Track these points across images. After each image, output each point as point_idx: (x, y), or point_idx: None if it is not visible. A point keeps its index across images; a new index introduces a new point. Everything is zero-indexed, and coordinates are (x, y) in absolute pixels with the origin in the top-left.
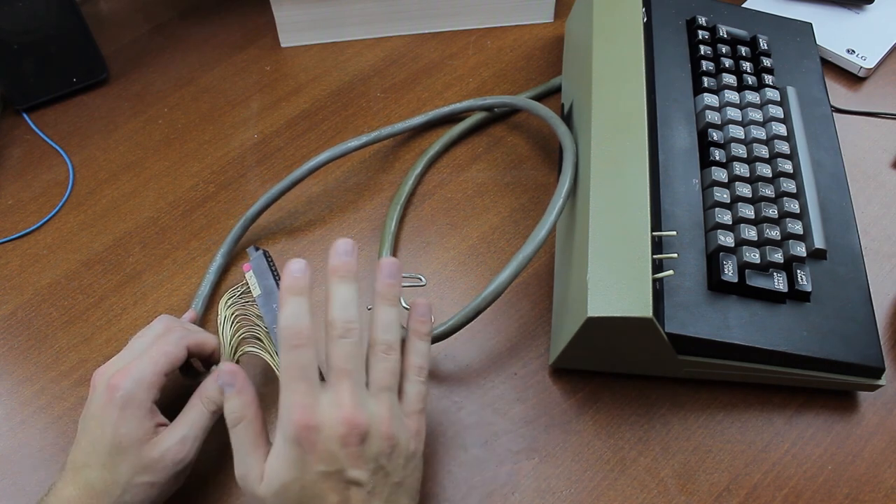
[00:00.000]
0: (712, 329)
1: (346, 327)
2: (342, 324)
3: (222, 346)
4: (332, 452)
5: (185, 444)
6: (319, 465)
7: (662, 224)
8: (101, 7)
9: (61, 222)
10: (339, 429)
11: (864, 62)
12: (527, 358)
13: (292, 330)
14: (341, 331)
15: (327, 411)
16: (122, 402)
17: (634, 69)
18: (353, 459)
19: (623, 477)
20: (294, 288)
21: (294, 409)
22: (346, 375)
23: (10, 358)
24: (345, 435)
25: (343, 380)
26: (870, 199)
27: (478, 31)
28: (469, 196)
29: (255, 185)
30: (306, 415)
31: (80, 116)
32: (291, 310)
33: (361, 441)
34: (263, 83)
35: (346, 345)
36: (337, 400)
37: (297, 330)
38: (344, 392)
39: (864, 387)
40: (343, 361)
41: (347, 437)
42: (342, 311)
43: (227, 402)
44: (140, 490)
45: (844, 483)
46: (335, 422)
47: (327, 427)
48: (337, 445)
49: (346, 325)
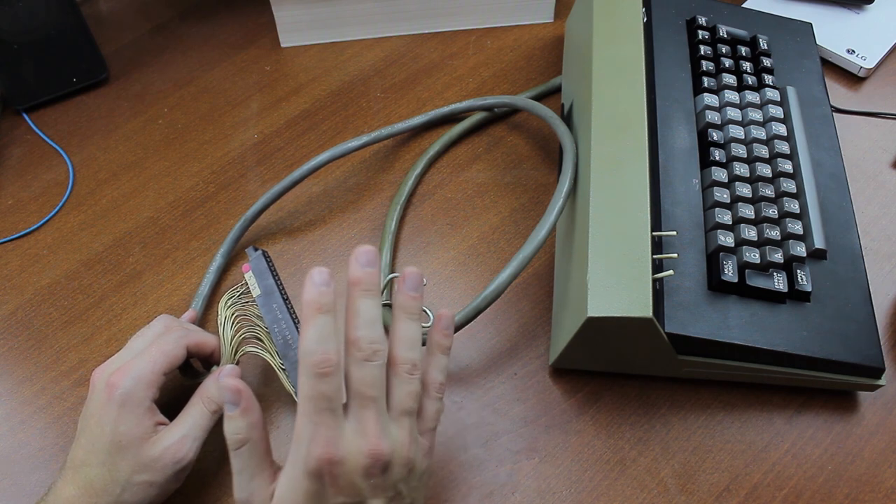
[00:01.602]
0: (712, 329)
1: (372, 349)
2: (368, 345)
3: (223, 346)
4: (353, 485)
5: (185, 443)
6: (339, 497)
7: (662, 224)
8: (101, 7)
9: (61, 222)
10: (363, 461)
11: (864, 62)
12: (527, 358)
13: (319, 356)
14: (367, 353)
15: (351, 442)
16: (120, 400)
17: (634, 69)
18: (373, 490)
19: (623, 477)
20: (320, 304)
21: (317, 443)
22: (371, 402)
23: (10, 358)
24: (369, 466)
25: (368, 407)
26: (870, 199)
27: (478, 31)
28: (469, 196)
29: (255, 185)
30: (330, 448)
31: (80, 116)
32: (317, 331)
33: (383, 471)
34: (263, 83)
35: (372, 368)
36: (361, 429)
37: (325, 356)
38: (369, 421)
39: (864, 387)
40: (368, 388)
41: (371, 469)
42: (368, 330)
43: (229, 422)
44: (139, 489)
45: (844, 483)
46: (360, 454)
47: (351, 459)
48: (360, 477)
49: (372, 347)
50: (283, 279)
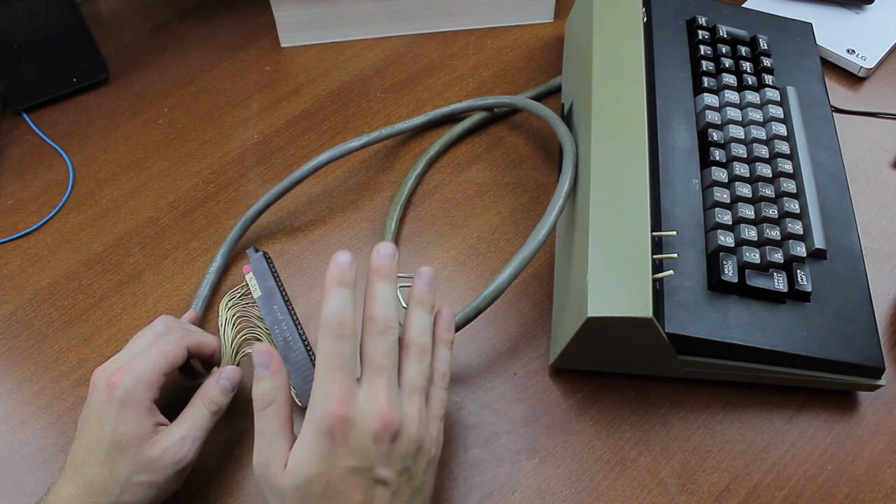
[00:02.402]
0: (712, 329)
1: (386, 324)
2: (383, 321)
3: (224, 347)
4: (363, 448)
5: (185, 443)
6: (349, 459)
7: (662, 224)
8: (101, 7)
9: (61, 222)
10: (373, 424)
11: (864, 62)
12: (527, 358)
13: (337, 319)
14: (382, 327)
15: (363, 405)
16: (120, 399)
17: (634, 69)
18: (383, 457)
19: (623, 477)
20: (341, 279)
21: (331, 400)
22: (383, 371)
23: (10, 358)
24: (378, 431)
25: (380, 375)
26: (870, 199)
27: (478, 31)
28: (469, 196)
29: (255, 185)
30: (343, 407)
31: (80, 116)
32: (338, 300)
33: (393, 439)
34: (263, 83)
35: (386, 342)
36: (373, 395)
37: (342, 320)
38: (380, 388)
39: (864, 387)
40: (382, 357)
41: (381, 434)
42: (384, 308)
43: (259, 384)
44: (139, 489)
45: (844, 483)
46: (370, 417)
47: (361, 421)
48: (369, 441)
49: (386, 323)
50: (283, 279)
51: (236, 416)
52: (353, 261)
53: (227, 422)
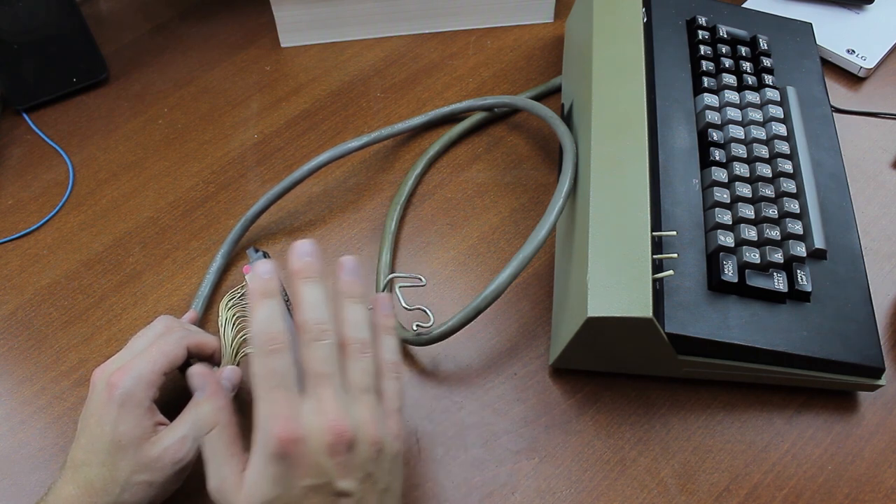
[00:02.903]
0: (712, 329)
1: (320, 329)
2: (315, 326)
3: (224, 347)
4: (319, 464)
5: (185, 443)
6: (306, 479)
7: (662, 224)
8: (101, 7)
9: (61, 222)
10: (325, 438)
11: (864, 62)
12: (527, 358)
13: (265, 335)
14: (316, 333)
15: (311, 420)
16: (120, 399)
17: (634, 69)
18: (341, 469)
19: (623, 477)
20: (263, 290)
21: (275, 422)
22: (325, 379)
23: (10, 358)
24: (332, 444)
25: (323, 384)
26: (870, 199)
27: (478, 31)
28: (469, 196)
29: (255, 185)
30: (289, 426)
31: (80, 116)
32: (263, 313)
33: (349, 449)
34: (263, 83)
35: (323, 347)
36: (319, 407)
37: (271, 334)
38: (326, 398)
39: (864, 387)
40: (321, 365)
41: (335, 446)
42: (313, 312)
43: (198, 408)
44: (139, 489)
45: (844, 483)
46: (320, 431)
47: (312, 438)
48: (324, 456)
49: (319, 328)
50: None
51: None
52: (274, 268)
53: None
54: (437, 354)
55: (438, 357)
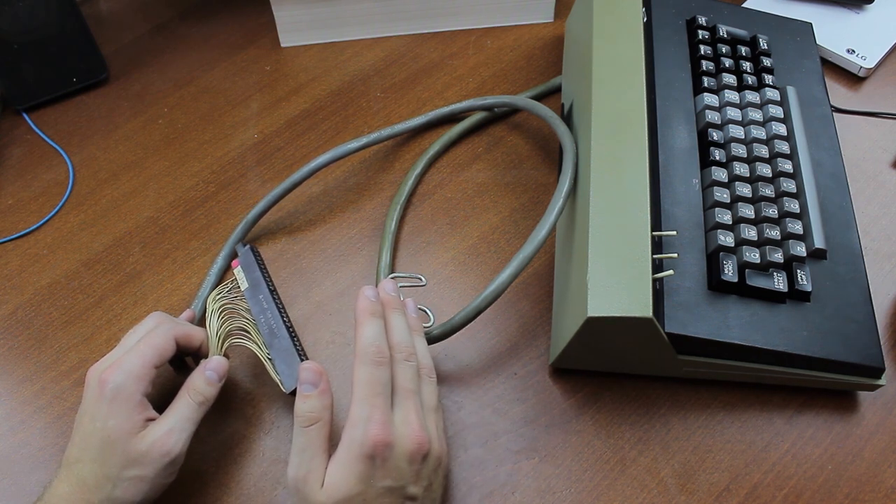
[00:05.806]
0: (712, 329)
1: (409, 351)
2: (406, 347)
3: (209, 338)
4: (399, 468)
5: (172, 435)
6: (386, 480)
7: (662, 224)
8: (101, 7)
9: (61, 222)
10: (410, 446)
11: (864, 62)
12: (527, 358)
13: (375, 347)
14: (406, 354)
15: (399, 429)
16: (111, 394)
17: (634, 69)
18: (414, 476)
19: (623, 477)
20: (372, 310)
21: (372, 424)
22: (412, 395)
23: (10, 358)
24: (414, 452)
25: (410, 399)
26: (870, 199)
27: (478, 31)
28: (469, 196)
29: (256, 185)
30: (385, 431)
31: (80, 116)
32: (372, 329)
33: (424, 459)
34: (263, 83)
35: (410, 367)
36: (406, 419)
37: (380, 348)
38: (411, 412)
39: (864, 387)
40: (409, 382)
41: (414, 455)
42: (402, 336)
43: (304, 402)
44: (130, 484)
45: (844, 483)
46: (407, 440)
47: (399, 445)
48: (405, 462)
49: (408, 350)
50: (283, 279)
51: (233, 416)
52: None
53: (225, 422)
54: (438, 354)
55: (438, 357)
